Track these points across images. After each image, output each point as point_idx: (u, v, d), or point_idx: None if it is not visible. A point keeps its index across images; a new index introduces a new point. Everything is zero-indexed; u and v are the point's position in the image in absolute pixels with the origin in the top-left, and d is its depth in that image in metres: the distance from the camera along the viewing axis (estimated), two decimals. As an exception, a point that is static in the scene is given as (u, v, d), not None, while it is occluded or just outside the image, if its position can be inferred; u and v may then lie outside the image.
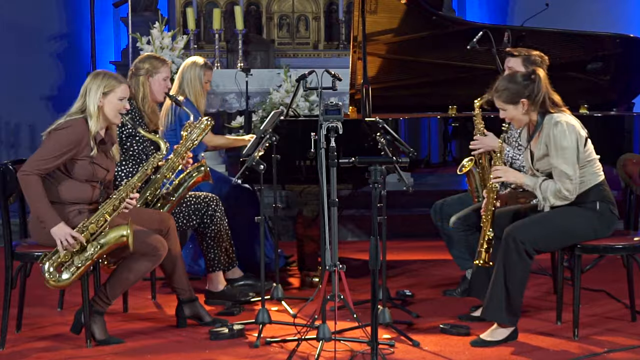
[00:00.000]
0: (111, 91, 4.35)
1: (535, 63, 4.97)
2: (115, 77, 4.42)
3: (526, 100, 4.36)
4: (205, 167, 4.89)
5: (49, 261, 4.21)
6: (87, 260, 4.22)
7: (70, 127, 4.28)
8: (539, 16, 6.64)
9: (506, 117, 4.44)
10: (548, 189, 4.32)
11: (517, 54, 5.00)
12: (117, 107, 4.38)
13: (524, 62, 4.98)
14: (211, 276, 5.14)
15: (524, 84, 4.36)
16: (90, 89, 4.34)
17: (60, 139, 4.26)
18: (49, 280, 4.21)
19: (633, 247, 4.42)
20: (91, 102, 4.32)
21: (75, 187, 4.33)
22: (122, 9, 8.42)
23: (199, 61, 5.63)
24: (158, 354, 4.26)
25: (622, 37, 6.33)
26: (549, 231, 4.33)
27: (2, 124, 8.98)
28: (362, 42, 5.74)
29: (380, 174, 3.79)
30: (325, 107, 4.11)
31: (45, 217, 4.20)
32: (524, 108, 4.37)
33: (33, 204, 4.23)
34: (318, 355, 4.03)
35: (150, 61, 5.07)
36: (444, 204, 5.28)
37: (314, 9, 9.53)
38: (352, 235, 7.35)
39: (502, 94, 4.40)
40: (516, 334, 4.34)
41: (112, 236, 4.23)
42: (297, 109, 6.67)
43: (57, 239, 4.18)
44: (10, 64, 8.75)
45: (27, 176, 4.21)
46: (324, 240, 4.18)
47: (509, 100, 4.38)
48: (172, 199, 4.82)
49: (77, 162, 4.31)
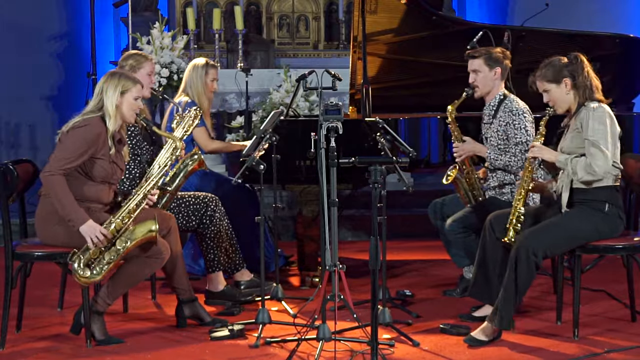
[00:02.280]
0: (128, 91, 4.41)
1: (498, 60, 5.00)
2: (132, 77, 4.49)
3: (569, 80, 4.37)
4: (199, 155, 4.93)
5: (79, 259, 4.23)
6: (117, 255, 4.25)
7: (88, 126, 4.32)
8: (539, 16, 6.64)
9: (549, 99, 4.45)
10: (579, 163, 4.31)
11: (477, 54, 5.03)
12: (133, 107, 4.44)
13: (486, 61, 5.00)
14: (211, 276, 5.14)
15: (566, 63, 4.39)
16: (107, 88, 4.39)
17: (79, 137, 4.30)
18: (80, 277, 4.22)
19: (633, 247, 4.42)
20: (109, 101, 4.37)
21: (93, 187, 4.37)
22: (122, 9, 8.43)
23: (199, 62, 5.67)
24: (158, 354, 4.26)
25: (622, 37, 6.33)
26: (559, 238, 4.33)
27: (2, 124, 8.97)
28: (362, 42, 5.74)
29: (380, 174, 3.79)
30: (325, 107, 4.11)
31: (73, 215, 4.22)
32: (567, 88, 4.38)
33: (60, 203, 4.24)
34: (318, 355, 4.03)
35: (134, 57, 5.11)
36: (443, 203, 5.29)
37: (314, 9, 9.53)
38: (352, 236, 7.35)
39: (545, 73, 4.41)
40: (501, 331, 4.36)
41: (141, 231, 4.27)
42: (297, 109, 6.68)
43: (87, 237, 4.21)
44: (10, 64, 8.75)
45: (52, 176, 4.24)
46: (324, 240, 4.18)
47: (552, 78, 4.40)
48: (170, 189, 4.84)
49: (97, 162, 4.35)
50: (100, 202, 4.41)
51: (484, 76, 5.02)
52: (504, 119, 4.98)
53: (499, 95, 5.05)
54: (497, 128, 5.00)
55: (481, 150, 5.03)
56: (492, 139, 5.05)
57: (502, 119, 4.99)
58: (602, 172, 4.29)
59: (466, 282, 5.08)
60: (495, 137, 5.02)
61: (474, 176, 5.08)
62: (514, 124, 4.94)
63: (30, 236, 4.61)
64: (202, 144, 5.51)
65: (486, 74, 5.02)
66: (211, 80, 5.65)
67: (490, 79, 5.03)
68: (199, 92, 5.58)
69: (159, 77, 7.65)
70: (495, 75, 5.02)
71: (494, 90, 5.05)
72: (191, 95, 5.58)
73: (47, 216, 4.34)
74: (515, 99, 5.03)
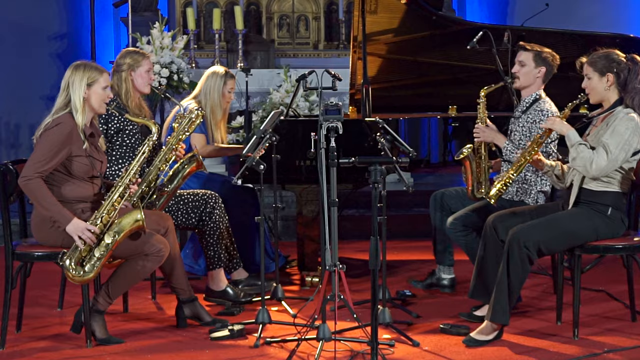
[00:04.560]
0: (95, 82, 4.35)
1: (546, 60, 4.99)
2: (96, 67, 4.41)
3: (612, 77, 4.38)
4: (198, 156, 4.88)
5: (70, 258, 4.22)
6: (107, 250, 4.23)
7: (59, 125, 4.28)
8: (539, 16, 6.65)
9: (587, 86, 4.45)
10: (583, 151, 4.31)
11: (529, 48, 5.03)
12: (102, 97, 4.38)
13: (535, 57, 5.00)
14: (212, 274, 5.12)
15: (619, 61, 4.39)
16: (73, 82, 4.33)
17: (51, 139, 4.26)
18: (74, 276, 4.21)
19: (633, 247, 4.42)
20: (76, 95, 4.32)
21: (76, 186, 4.34)
22: (122, 9, 8.43)
23: (220, 71, 5.57)
24: (158, 354, 4.26)
25: (622, 37, 6.33)
26: (554, 235, 4.33)
27: (2, 124, 8.97)
28: (362, 42, 5.74)
29: (380, 174, 3.79)
30: (325, 107, 4.11)
31: (57, 216, 4.21)
32: (607, 83, 4.39)
33: (42, 207, 4.22)
34: (318, 355, 4.03)
35: (131, 55, 5.08)
36: (444, 194, 5.28)
37: (314, 9, 9.53)
38: (352, 236, 7.34)
39: (595, 62, 4.41)
40: (502, 331, 4.36)
41: (127, 222, 4.24)
42: (297, 109, 6.68)
43: (74, 235, 4.19)
44: (10, 64, 8.75)
45: (29, 181, 4.21)
46: (324, 240, 4.18)
47: (598, 69, 4.40)
48: (167, 190, 4.82)
49: (75, 160, 4.31)
50: (87, 200, 4.38)
51: (528, 70, 5.01)
52: (532, 117, 4.97)
53: (536, 93, 5.04)
54: (524, 124, 4.99)
55: (500, 140, 4.98)
56: (515, 133, 5.03)
57: (530, 117, 4.98)
58: (597, 173, 4.30)
59: (434, 279, 5.32)
60: (520, 132, 5.00)
61: (485, 163, 5.03)
62: (539, 124, 4.93)
63: (30, 236, 4.61)
64: (198, 149, 5.40)
65: (531, 69, 5.01)
66: (228, 91, 5.57)
67: (533, 75, 5.02)
68: (214, 102, 5.49)
69: (159, 77, 7.65)
70: (539, 73, 5.01)
71: (533, 88, 5.04)
72: (204, 103, 5.47)
73: (41, 222, 4.33)
74: (548, 101, 5.02)
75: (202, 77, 5.62)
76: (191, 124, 4.78)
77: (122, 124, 4.95)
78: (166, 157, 4.72)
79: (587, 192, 4.39)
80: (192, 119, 4.78)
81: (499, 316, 4.30)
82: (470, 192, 4.96)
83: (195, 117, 4.79)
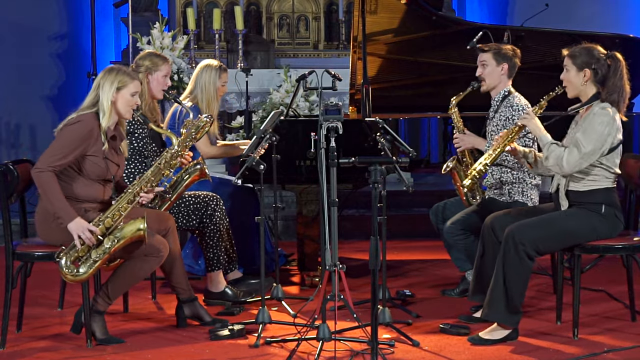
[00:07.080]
0: (124, 86, 4.39)
1: (507, 56, 5.02)
2: (129, 73, 4.46)
3: (590, 73, 4.36)
4: (202, 165, 4.86)
5: (66, 256, 4.22)
6: (104, 254, 4.23)
7: (81, 122, 4.31)
8: (539, 16, 6.65)
9: (565, 78, 4.44)
10: (555, 150, 4.32)
11: (487, 48, 5.06)
12: (130, 103, 4.42)
13: (494, 56, 5.03)
14: (211, 275, 5.13)
15: (599, 57, 4.36)
16: (103, 84, 4.38)
17: (71, 134, 4.29)
18: (67, 274, 4.22)
19: (633, 247, 4.41)
20: (104, 97, 4.36)
21: (87, 186, 4.36)
22: (122, 9, 8.44)
23: (213, 64, 5.49)
24: (158, 354, 4.26)
25: (622, 37, 6.33)
26: (550, 233, 4.33)
27: (2, 124, 8.97)
28: (362, 42, 5.75)
29: (380, 174, 3.79)
30: (325, 107, 4.12)
31: (61, 212, 4.22)
32: (584, 78, 4.37)
33: (49, 200, 4.24)
34: (318, 355, 4.03)
35: (151, 58, 5.07)
36: (445, 207, 5.28)
37: (314, 9, 9.53)
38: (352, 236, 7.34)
39: (575, 55, 4.39)
40: (516, 334, 4.34)
41: (129, 230, 4.25)
42: (297, 109, 6.68)
43: (75, 234, 4.20)
44: (10, 64, 8.75)
45: (41, 173, 4.23)
46: (324, 240, 4.18)
47: (577, 64, 4.38)
48: (169, 197, 4.81)
49: (90, 159, 4.33)
50: (95, 201, 4.40)
51: (491, 70, 5.05)
52: (504, 114, 5.00)
53: (503, 91, 5.07)
54: (497, 123, 5.02)
55: (481, 144, 5.04)
56: (492, 134, 5.06)
57: (502, 114, 5.01)
58: (570, 169, 4.31)
59: (467, 284, 5.07)
60: (496, 131, 5.03)
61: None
62: (513, 119, 4.95)
63: (31, 236, 4.62)
64: (201, 150, 5.40)
65: (493, 68, 5.04)
66: (222, 85, 5.50)
67: (497, 74, 5.05)
68: (210, 96, 5.41)
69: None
70: (502, 71, 5.04)
71: (500, 86, 5.07)
72: (200, 98, 5.39)
73: (46, 215, 4.34)
74: (518, 96, 5.06)
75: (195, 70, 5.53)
76: (199, 132, 4.74)
77: (132, 127, 4.94)
78: (171, 163, 4.70)
79: (576, 194, 4.39)
80: (201, 126, 4.73)
81: (491, 314, 4.29)
82: (465, 201, 5.02)
83: (205, 125, 4.72)
